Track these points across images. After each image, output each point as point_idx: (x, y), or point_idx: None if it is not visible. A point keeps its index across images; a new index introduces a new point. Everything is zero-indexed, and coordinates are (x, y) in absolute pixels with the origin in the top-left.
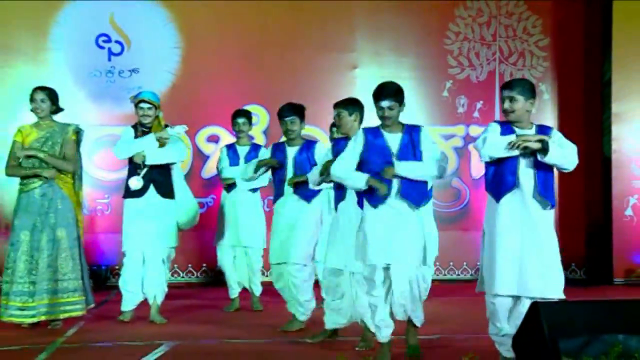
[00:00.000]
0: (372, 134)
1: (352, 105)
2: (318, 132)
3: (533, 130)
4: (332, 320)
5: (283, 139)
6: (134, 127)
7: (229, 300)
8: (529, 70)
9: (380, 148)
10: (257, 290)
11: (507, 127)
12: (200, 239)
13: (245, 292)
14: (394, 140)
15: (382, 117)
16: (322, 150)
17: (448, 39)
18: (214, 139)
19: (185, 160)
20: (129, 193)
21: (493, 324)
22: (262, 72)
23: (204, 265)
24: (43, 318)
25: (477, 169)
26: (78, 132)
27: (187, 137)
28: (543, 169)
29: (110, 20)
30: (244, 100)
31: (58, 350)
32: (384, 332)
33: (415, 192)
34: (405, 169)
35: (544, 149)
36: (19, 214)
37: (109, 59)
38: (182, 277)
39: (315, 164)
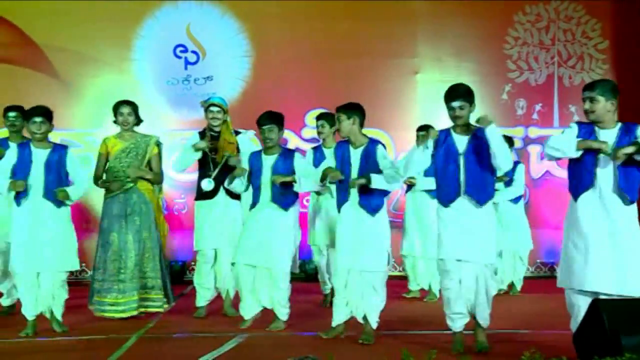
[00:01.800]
0: (442, 135)
1: (351, 109)
2: (382, 134)
3: (616, 130)
4: (339, 317)
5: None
6: (202, 132)
7: (302, 294)
8: (587, 73)
9: (447, 149)
10: None
11: (588, 127)
12: None
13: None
14: (461, 142)
15: (453, 117)
16: (301, 159)
17: (507, 44)
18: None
19: None
20: (200, 195)
21: (574, 319)
22: (327, 78)
23: None
24: (134, 313)
25: (536, 169)
26: (159, 145)
27: (258, 140)
28: (624, 164)
29: (187, 32)
30: (310, 105)
31: (139, 341)
32: (457, 323)
33: (479, 191)
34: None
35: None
36: (106, 217)
37: (186, 68)
38: None
39: (293, 173)
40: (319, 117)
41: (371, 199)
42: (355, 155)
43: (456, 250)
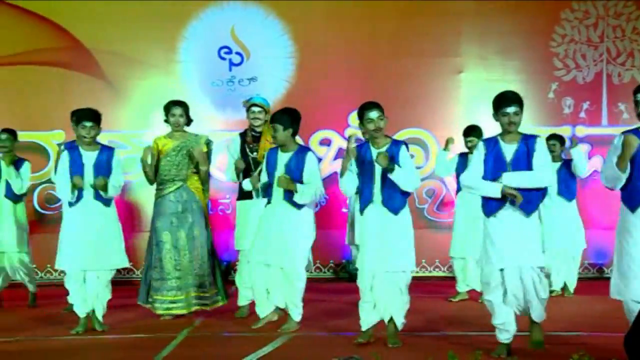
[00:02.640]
0: (491, 143)
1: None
2: (425, 133)
3: None
4: (368, 320)
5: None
6: (244, 133)
7: (344, 294)
8: (638, 70)
9: (496, 157)
10: None
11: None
12: (328, 237)
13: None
14: (509, 150)
15: (508, 123)
16: (312, 161)
17: (554, 42)
18: (326, 142)
19: None
20: (242, 194)
21: None
22: (370, 78)
23: (331, 261)
24: (192, 309)
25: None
26: (208, 144)
27: (302, 140)
28: None
29: (232, 33)
30: (353, 105)
31: (184, 340)
32: (503, 335)
33: (526, 201)
34: (515, 179)
35: None
36: (158, 216)
37: (230, 69)
38: (311, 273)
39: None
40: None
41: (394, 198)
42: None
43: (501, 259)
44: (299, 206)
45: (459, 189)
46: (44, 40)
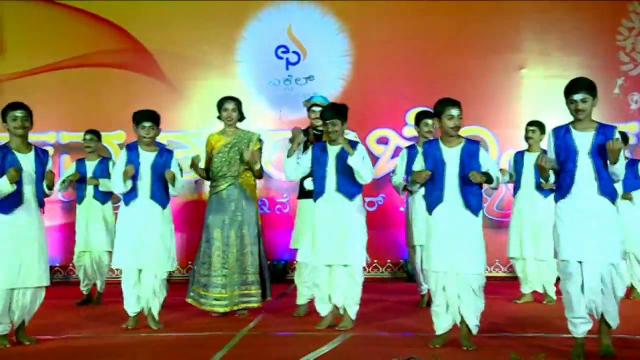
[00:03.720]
0: (561, 131)
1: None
2: (485, 132)
3: None
4: (442, 325)
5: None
6: (306, 130)
7: (401, 294)
8: None
9: (566, 146)
10: None
11: None
12: (385, 236)
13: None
14: (583, 138)
15: (575, 111)
16: (364, 150)
17: (620, 35)
18: (383, 140)
19: None
20: (302, 193)
21: None
22: (428, 76)
23: (389, 260)
24: (235, 307)
25: None
26: (260, 141)
27: (360, 141)
28: None
29: (288, 32)
30: (410, 104)
31: (244, 338)
32: (580, 329)
33: (609, 188)
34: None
35: None
36: (211, 213)
37: (287, 68)
38: (368, 272)
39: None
40: (424, 116)
41: (473, 197)
42: (450, 154)
43: (578, 251)
44: (351, 197)
45: (516, 188)
46: (106, 43)
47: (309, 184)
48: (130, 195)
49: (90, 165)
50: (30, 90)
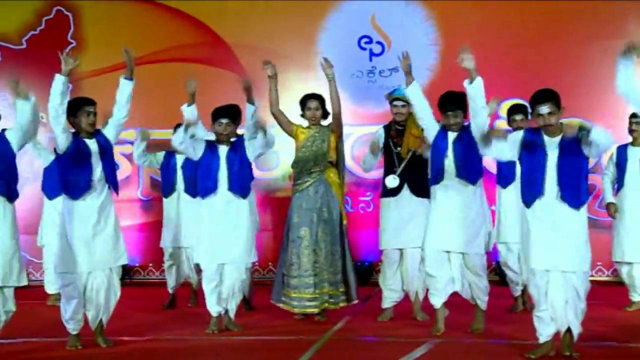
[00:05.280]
0: None
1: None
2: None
3: None
4: (546, 332)
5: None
6: (388, 126)
7: (501, 299)
8: None
9: None
10: None
11: None
12: None
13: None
14: None
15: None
16: None
17: None
18: None
19: None
20: (385, 191)
21: None
22: (523, 64)
23: None
24: (325, 306)
25: None
26: (340, 136)
27: None
28: None
29: (372, 22)
30: (504, 95)
31: (326, 344)
32: None
33: None
34: None
35: None
36: (296, 211)
37: (370, 60)
38: None
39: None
40: (514, 111)
41: (578, 190)
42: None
43: None
44: (474, 181)
45: (619, 187)
46: (185, 37)
47: (390, 182)
48: (209, 188)
49: (180, 158)
50: (109, 88)
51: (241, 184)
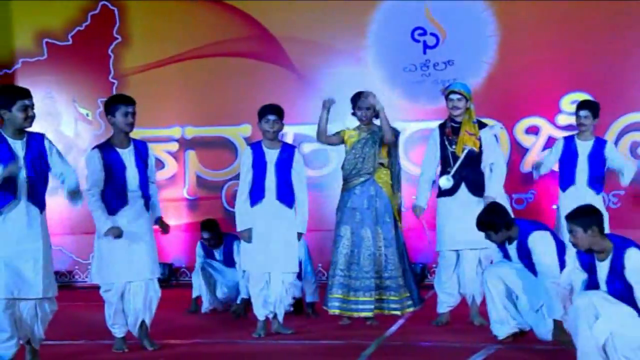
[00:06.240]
0: None
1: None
2: None
3: None
4: None
5: None
6: (443, 124)
7: None
8: None
9: None
10: None
11: None
12: None
13: None
14: None
15: None
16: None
17: None
18: (533, 130)
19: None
20: (441, 191)
21: None
22: (584, 57)
23: None
24: (370, 314)
25: None
26: (396, 134)
27: (505, 131)
28: None
29: (426, 13)
30: (564, 88)
31: (380, 348)
32: None
33: None
34: None
35: None
36: (342, 210)
37: (424, 52)
38: None
39: None
40: (582, 106)
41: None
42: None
43: None
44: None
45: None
46: (231, 30)
47: (443, 183)
48: (257, 195)
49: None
50: (154, 84)
51: (289, 192)
